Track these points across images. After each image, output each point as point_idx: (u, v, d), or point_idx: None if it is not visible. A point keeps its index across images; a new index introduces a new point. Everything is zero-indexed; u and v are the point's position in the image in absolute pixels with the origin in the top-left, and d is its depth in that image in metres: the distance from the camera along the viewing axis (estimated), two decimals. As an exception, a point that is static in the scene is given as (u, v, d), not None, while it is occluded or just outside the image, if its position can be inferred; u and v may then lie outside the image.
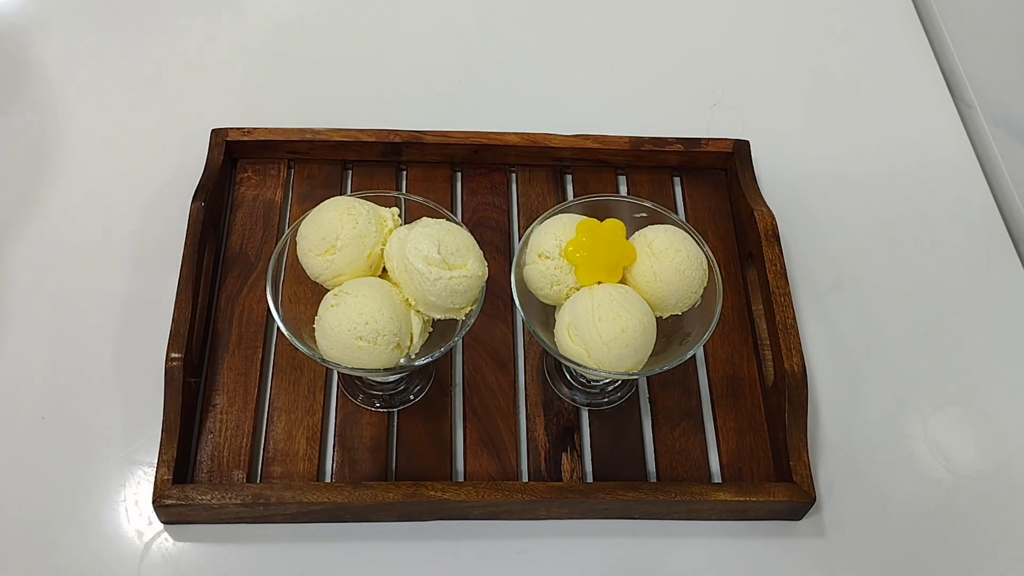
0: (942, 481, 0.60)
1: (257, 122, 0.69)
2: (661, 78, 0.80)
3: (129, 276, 0.65)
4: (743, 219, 0.67)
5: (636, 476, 0.58)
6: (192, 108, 0.73)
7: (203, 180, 0.64)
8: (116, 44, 0.78)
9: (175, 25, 0.79)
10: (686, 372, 0.62)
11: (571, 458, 0.58)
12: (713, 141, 0.70)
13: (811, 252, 0.69)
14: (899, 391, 0.64)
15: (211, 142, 0.67)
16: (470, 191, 0.69)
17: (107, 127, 0.72)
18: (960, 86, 0.81)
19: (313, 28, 0.81)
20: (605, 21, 0.83)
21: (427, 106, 0.76)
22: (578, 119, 0.72)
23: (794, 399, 0.58)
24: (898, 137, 0.77)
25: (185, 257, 0.60)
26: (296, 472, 0.57)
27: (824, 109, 0.78)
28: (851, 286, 0.68)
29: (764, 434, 0.60)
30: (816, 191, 0.73)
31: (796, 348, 0.59)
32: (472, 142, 0.69)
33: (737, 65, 0.81)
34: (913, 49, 0.83)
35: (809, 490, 0.56)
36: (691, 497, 0.55)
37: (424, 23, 0.82)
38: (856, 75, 0.81)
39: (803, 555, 0.57)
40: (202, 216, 0.62)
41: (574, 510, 0.56)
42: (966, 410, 0.64)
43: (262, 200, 0.67)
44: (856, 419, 0.62)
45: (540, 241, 0.59)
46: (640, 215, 0.62)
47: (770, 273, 0.63)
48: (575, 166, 0.71)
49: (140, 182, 0.69)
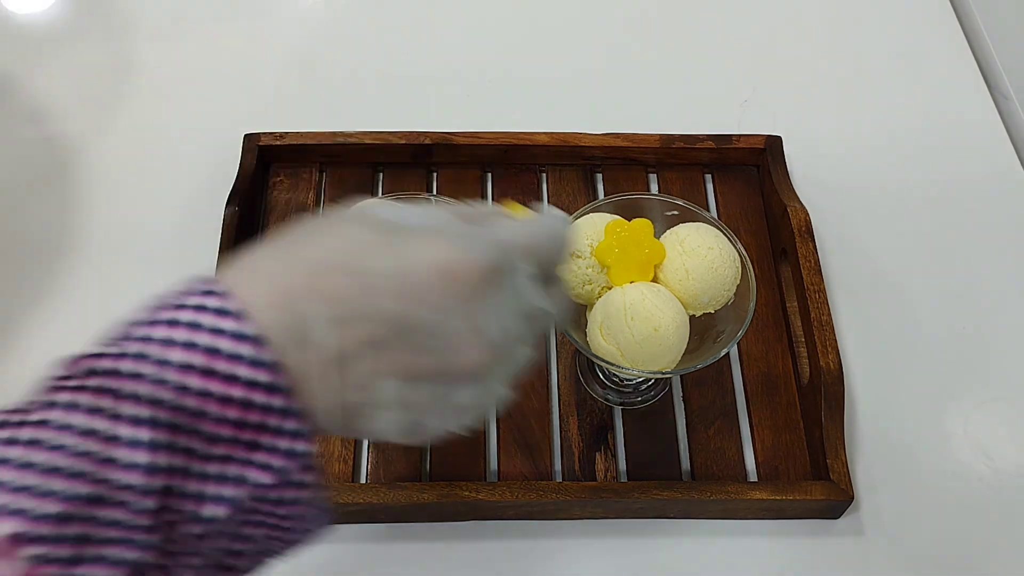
0: (983, 478, 0.59)
1: (289, 127, 0.69)
2: (691, 75, 0.79)
3: (165, 281, 0.65)
4: (776, 215, 0.67)
5: (671, 475, 0.58)
6: (225, 114, 0.74)
7: (236, 185, 0.65)
8: (149, 51, 0.79)
9: (207, 32, 0.80)
10: (720, 370, 0.62)
11: (605, 457, 0.58)
12: (744, 137, 0.70)
13: (846, 248, 0.68)
14: (938, 388, 0.63)
15: (244, 147, 0.68)
16: (501, 192, 0.69)
17: (141, 134, 0.73)
18: (996, 76, 0.79)
19: (342, 33, 0.81)
20: (633, 19, 0.83)
21: (456, 107, 0.76)
22: (608, 117, 0.72)
23: (830, 396, 0.57)
24: (933, 130, 0.76)
25: (220, 262, 0.61)
26: (331, 473, 0.57)
27: (857, 103, 0.78)
28: (887, 282, 0.67)
29: (800, 432, 0.60)
30: (850, 186, 0.72)
31: (832, 345, 0.59)
32: (502, 143, 0.69)
33: (768, 60, 0.80)
34: (947, 40, 0.82)
35: (847, 488, 0.55)
36: (727, 496, 0.55)
37: (452, 25, 0.82)
38: (889, 68, 0.80)
39: (841, 554, 0.56)
40: (236, 221, 0.62)
41: (609, 510, 0.56)
42: (1008, 406, 0.62)
43: (295, 204, 0.68)
44: (894, 416, 0.61)
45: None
46: (671, 213, 0.62)
47: (804, 270, 0.62)
48: (605, 165, 0.70)
49: (175, 188, 0.70)
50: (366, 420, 0.33)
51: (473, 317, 0.34)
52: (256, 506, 0.31)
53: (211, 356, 0.30)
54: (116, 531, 0.28)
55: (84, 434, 0.28)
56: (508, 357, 0.36)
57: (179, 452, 0.29)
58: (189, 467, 0.30)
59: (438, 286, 0.33)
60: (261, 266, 0.33)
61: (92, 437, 0.28)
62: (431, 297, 0.33)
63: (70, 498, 0.27)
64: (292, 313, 0.31)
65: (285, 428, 0.31)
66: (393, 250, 0.33)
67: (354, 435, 0.35)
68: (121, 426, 0.29)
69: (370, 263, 0.33)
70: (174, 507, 0.29)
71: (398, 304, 0.32)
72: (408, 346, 0.33)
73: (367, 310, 0.32)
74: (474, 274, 0.33)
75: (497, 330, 0.34)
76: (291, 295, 0.31)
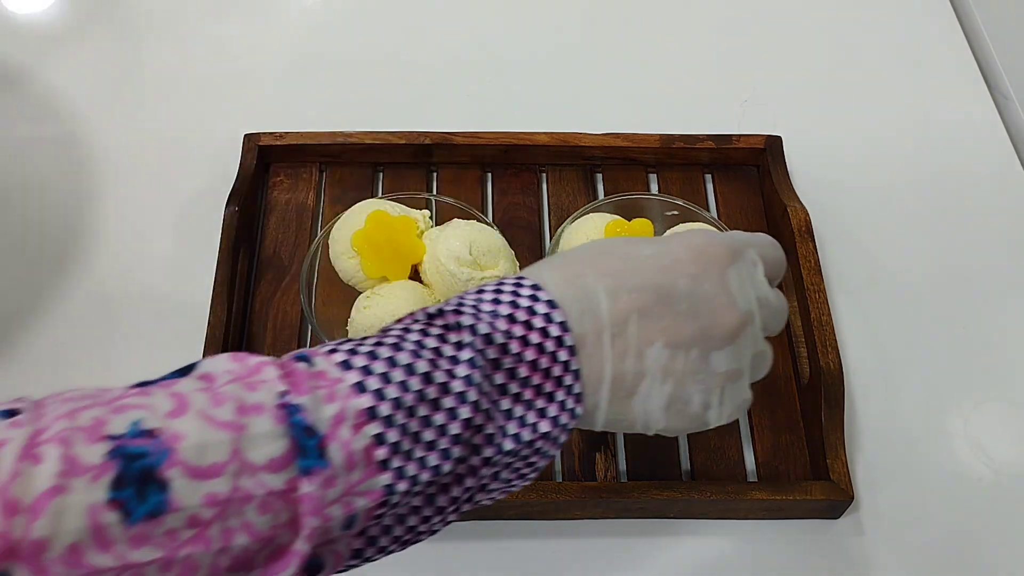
0: (983, 478, 0.59)
1: (289, 127, 0.69)
2: (691, 75, 0.79)
3: (165, 280, 0.66)
4: (776, 215, 0.67)
5: (671, 475, 0.58)
6: (224, 114, 0.74)
7: (236, 185, 0.65)
8: (149, 51, 0.79)
9: (207, 32, 0.80)
10: (720, 370, 0.62)
11: (605, 458, 0.58)
12: (744, 137, 0.70)
13: (846, 248, 0.68)
14: (938, 387, 0.63)
15: (244, 147, 0.68)
16: (500, 191, 0.69)
17: (140, 134, 0.73)
18: (996, 77, 0.79)
19: (342, 32, 0.81)
20: (633, 18, 0.83)
21: (456, 107, 0.76)
22: (608, 117, 0.72)
23: (830, 396, 0.57)
24: (934, 130, 0.76)
25: (220, 261, 0.61)
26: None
27: (857, 103, 0.78)
28: (887, 281, 0.67)
29: (800, 432, 0.60)
30: (850, 186, 0.72)
31: (832, 345, 0.59)
32: (502, 142, 0.69)
33: (768, 60, 0.80)
34: (948, 40, 0.82)
35: (847, 488, 0.55)
36: (727, 496, 0.55)
37: (452, 25, 0.82)
38: (889, 68, 0.80)
39: (841, 554, 0.56)
40: (236, 220, 0.62)
41: (608, 510, 0.56)
42: (1007, 406, 0.63)
43: (295, 204, 0.68)
44: (894, 416, 0.61)
45: (572, 240, 0.59)
46: (671, 213, 0.62)
47: (804, 269, 0.62)
48: (605, 165, 0.70)
49: (174, 188, 0.70)
50: (634, 396, 0.38)
51: (724, 285, 0.40)
52: (526, 451, 0.36)
53: (526, 312, 0.36)
54: (433, 434, 0.34)
55: (432, 351, 0.35)
56: (753, 331, 0.41)
57: (492, 384, 0.35)
58: (498, 400, 0.35)
59: (693, 260, 0.40)
60: (551, 261, 0.40)
61: (437, 355, 0.35)
62: (688, 269, 0.39)
63: (417, 393, 0.33)
64: (577, 287, 0.38)
65: (569, 385, 0.36)
66: (654, 241, 0.41)
67: (621, 419, 0.39)
68: (461, 350, 0.35)
69: (636, 249, 0.40)
70: (485, 429, 0.35)
71: (661, 275, 0.39)
72: (671, 312, 0.38)
73: (635, 282, 0.38)
74: (721, 249, 0.40)
75: (746, 301, 0.40)
76: (576, 274, 0.38)
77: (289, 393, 0.32)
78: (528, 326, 0.36)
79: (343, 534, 0.33)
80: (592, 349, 0.37)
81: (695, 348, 0.39)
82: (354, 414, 0.32)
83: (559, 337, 0.36)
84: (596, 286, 0.38)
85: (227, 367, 0.33)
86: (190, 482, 0.29)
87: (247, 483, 0.30)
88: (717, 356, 0.39)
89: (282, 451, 0.31)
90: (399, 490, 0.33)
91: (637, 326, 0.38)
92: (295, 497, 0.31)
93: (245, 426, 0.31)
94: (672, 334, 0.38)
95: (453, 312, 0.36)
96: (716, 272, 0.40)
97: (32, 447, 0.28)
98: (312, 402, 0.32)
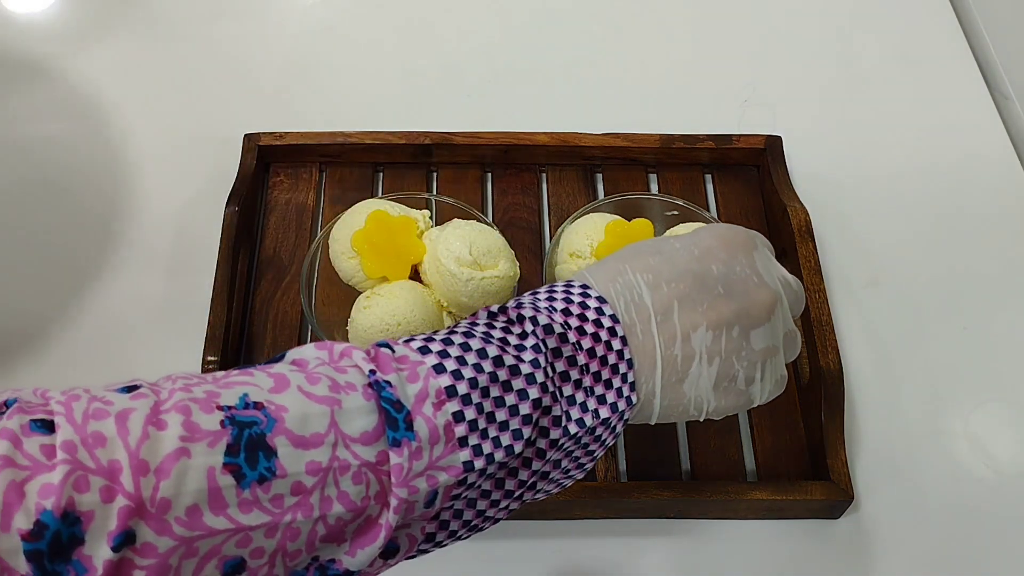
0: (983, 479, 0.59)
1: (289, 127, 0.69)
2: (691, 75, 0.79)
3: (165, 280, 0.66)
4: (776, 216, 0.67)
5: (671, 475, 0.58)
6: (225, 114, 0.74)
7: (236, 185, 0.65)
8: (149, 52, 0.79)
9: (207, 32, 0.80)
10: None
11: (605, 457, 0.58)
12: (745, 137, 0.70)
13: (846, 248, 0.68)
14: (938, 387, 0.63)
15: (244, 147, 0.68)
16: (500, 191, 0.69)
17: (141, 134, 0.73)
18: (996, 77, 0.79)
19: (342, 32, 0.81)
20: (634, 18, 0.83)
21: (457, 107, 0.76)
22: (608, 117, 0.72)
23: (830, 396, 0.57)
24: (934, 130, 0.76)
25: (220, 261, 0.61)
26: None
27: (857, 103, 0.78)
28: (887, 282, 0.67)
29: (800, 432, 0.60)
30: (850, 186, 0.72)
31: (832, 345, 0.59)
32: (502, 142, 0.69)
33: (768, 60, 0.80)
34: (948, 40, 0.82)
35: (847, 488, 0.55)
36: (726, 496, 0.55)
37: (452, 25, 0.82)
38: (889, 67, 0.80)
39: (841, 554, 0.56)
40: (236, 220, 0.62)
41: (609, 509, 0.56)
42: (1007, 406, 0.63)
43: (295, 204, 0.68)
44: (894, 416, 0.61)
45: (571, 240, 0.59)
46: (671, 213, 0.62)
47: (804, 270, 0.62)
48: (605, 165, 0.70)
49: (175, 188, 0.70)
50: (685, 380, 0.41)
51: (754, 267, 0.43)
52: (586, 438, 0.38)
53: (579, 307, 0.39)
54: (505, 414, 0.36)
55: (500, 340, 0.37)
56: (783, 310, 0.44)
57: (558, 372, 0.38)
58: (562, 387, 0.38)
59: (722, 247, 0.43)
60: (590, 268, 0.42)
61: (505, 343, 0.37)
62: (719, 255, 0.43)
63: (490, 375, 0.36)
64: (620, 283, 0.41)
65: (624, 373, 0.39)
66: (681, 236, 0.44)
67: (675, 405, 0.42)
68: (525, 339, 0.37)
69: (667, 245, 0.43)
70: (552, 412, 0.37)
71: (695, 264, 0.42)
72: (710, 296, 0.41)
73: (673, 272, 0.41)
74: (744, 236, 0.44)
75: (771, 280, 0.43)
76: (617, 271, 0.41)
77: (376, 372, 0.34)
78: (583, 318, 0.39)
79: (421, 514, 0.35)
80: (642, 338, 0.40)
81: (736, 327, 0.41)
82: (435, 392, 0.34)
83: (612, 328, 0.39)
84: (638, 280, 0.41)
85: (316, 354, 0.36)
86: (294, 450, 0.31)
87: (344, 453, 0.32)
88: (756, 333, 0.42)
89: (373, 424, 0.33)
90: (476, 467, 0.35)
91: (680, 312, 0.41)
92: (386, 469, 0.33)
93: (340, 401, 0.33)
94: (713, 316, 0.41)
95: (514, 308, 0.39)
96: (744, 256, 0.43)
97: (156, 415, 0.30)
98: (398, 380, 0.34)
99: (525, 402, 0.36)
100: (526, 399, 0.36)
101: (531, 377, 0.36)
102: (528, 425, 0.36)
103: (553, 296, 0.40)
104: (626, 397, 0.39)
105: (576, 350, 0.38)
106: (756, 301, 0.42)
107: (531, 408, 0.36)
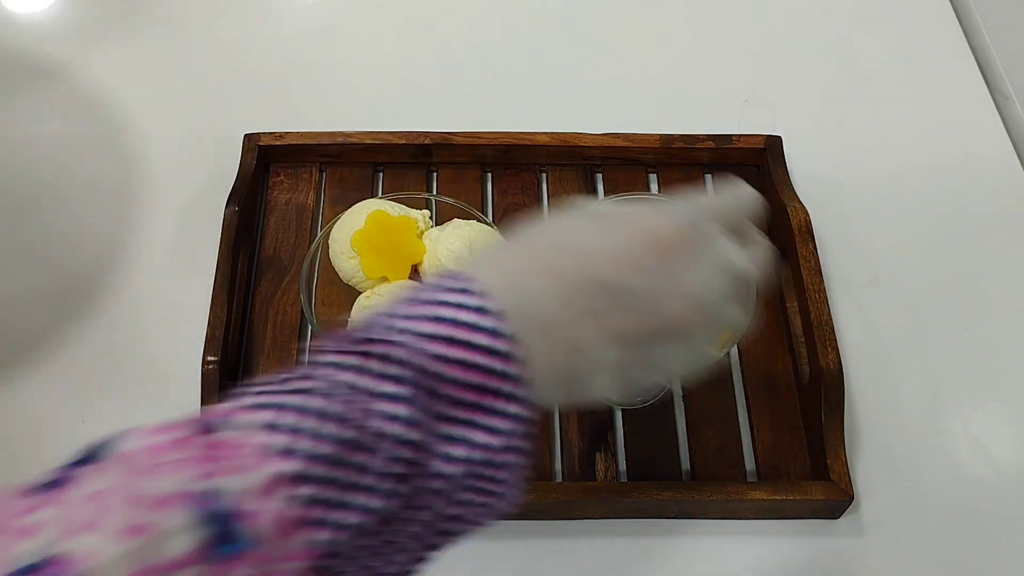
0: (983, 479, 0.59)
1: (289, 127, 0.69)
2: (691, 75, 0.79)
3: (165, 280, 0.66)
4: (776, 216, 0.67)
5: (671, 475, 0.58)
6: (225, 114, 0.74)
7: (236, 185, 0.65)
8: (149, 52, 0.79)
9: (207, 32, 0.80)
10: (720, 370, 0.62)
11: (605, 458, 0.58)
12: (744, 137, 0.70)
13: (846, 248, 0.68)
14: (938, 387, 0.63)
15: (244, 147, 0.68)
16: (500, 191, 0.69)
17: (141, 134, 0.73)
18: (996, 77, 0.79)
19: (342, 33, 0.81)
20: (634, 18, 0.83)
21: (456, 107, 0.76)
22: (608, 117, 0.72)
23: (830, 396, 0.57)
24: (934, 130, 0.76)
25: (220, 261, 0.61)
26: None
27: (857, 103, 0.77)
28: (887, 282, 0.67)
29: (800, 432, 0.60)
30: (850, 186, 0.72)
31: (832, 345, 0.59)
32: (502, 142, 0.69)
33: (768, 60, 0.80)
34: (948, 40, 0.82)
35: (847, 488, 0.55)
36: (726, 496, 0.55)
37: (451, 25, 0.82)
38: (890, 67, 0.80)
39: (841, 554, 0.56)
40: (236, 220, 0.62)
41: (608, 510, 0.56)
42: (1007, 406, 0.63)
43: (295, 204, 0.68)
44: (894, 416, 0.61)
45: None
46: (671, 213, 0.62)
47: (804, 270, 0.62)
48: (605, 165, 0.70)
49: (175, 188, 0.70)
50: (585, 385, 0.37)
51: (677, 275, 0.37)
52: (479, 469, 0.33)
53: (465, 329, 0.33)
54: (370, 478, 0.30)
55: (351, 388, 0.31)
56: (714, 314, 0.39)
57: (429, 412, 0.32)
58: (435, 427, 0.32)
59: (643, 249, 0.37)
60: (493, 256, 0.37)
61: (358, 392, 0.31)
62: (639, 262, 0.37)
63: (339, 441, 0.30)
64: (521, 292, 0.35)
65: (515, 394, 0.33)
66: (604, 227, 0.38)
67: (570, 401, 0.38)
68: (384, 384, 0.31)
69: (583, 239, 0.37)
70: (420, 461, 0.32)
71: (609, 271, 0.36)
72: (623, 310, 0.36)
73: (582, 280, 0.36)
74: (673, 233, 0.38)
75: (700, 287, 0.38)
76: (518, 272, 0.36)
77: (201, 474, 0.28)
78: (468, 346, 0.33)
79: None
80: (539, 351, 0.35)
81: (648, 342, 0.37)
82: (267, 479, 0.29)
83: (504, 351, 0.33)
84: (542, 287, 0.35)
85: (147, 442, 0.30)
86: None
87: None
88: (671, 348, 0.38)
89: (196, 544, 0.27)
90: (332, 540, 0.30)
91: (589, 325, 0.36)
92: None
93: (151, 527, 0.27)
94: (624, 331, 0.36)
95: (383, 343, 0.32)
96: (668, 260, 0.38)
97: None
98: (228, 481, 0.28)
99: (381, 458, 0.30)
100: (383, 455, 0.30)
101: (391, 431, 0.31)
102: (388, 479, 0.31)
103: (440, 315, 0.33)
104: (517, 415, 0.33)
105: (460, 387, 0.32)
106: (669, 318, 0.37)
107: (388, 464, 0.30)
